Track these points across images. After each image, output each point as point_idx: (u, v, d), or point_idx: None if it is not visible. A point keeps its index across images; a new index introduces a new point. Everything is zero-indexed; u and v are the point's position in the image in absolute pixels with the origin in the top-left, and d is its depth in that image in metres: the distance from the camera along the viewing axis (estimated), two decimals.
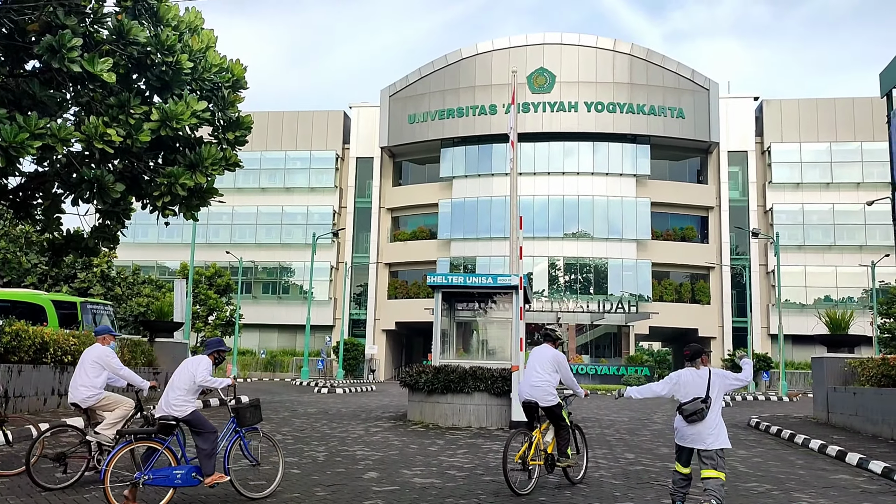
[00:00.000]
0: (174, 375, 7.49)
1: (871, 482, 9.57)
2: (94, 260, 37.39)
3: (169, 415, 7.23)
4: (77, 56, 10.63)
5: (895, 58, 17.95)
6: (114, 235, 13.98)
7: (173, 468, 7.02)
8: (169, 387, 7.41)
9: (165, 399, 7.33)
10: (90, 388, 8.52)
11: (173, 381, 7.44)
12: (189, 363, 7.56)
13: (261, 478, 8.15)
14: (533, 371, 9.16)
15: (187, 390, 7.39)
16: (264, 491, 7.70)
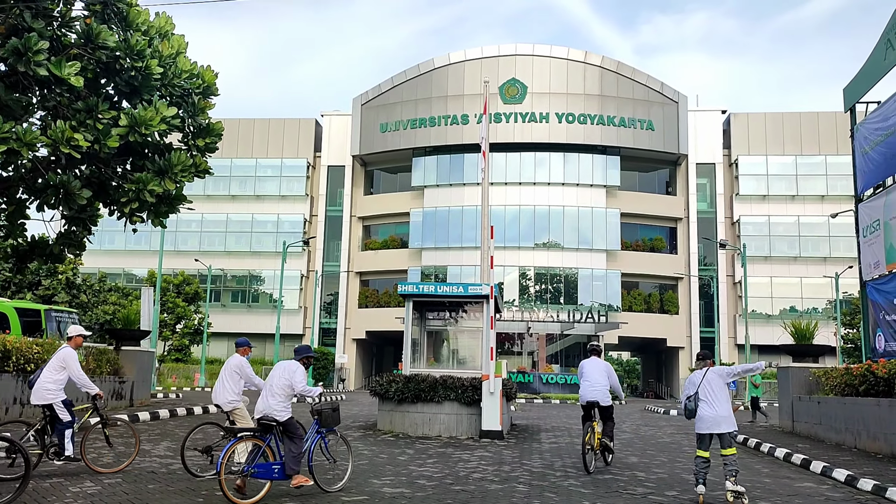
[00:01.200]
0: (271, 381, 8.35)
1: (835, 490, 9.71)
2: (60, 267, 36.76)
3: (270, 417, 8.13)
4: (44, 59, 10.50)
5: (858, 73, 18.35)
6: (80, 242, 13.78)
7: (272, 463, 8.02)
8: (268, 391, 8.30)
9: (266, 403, 8.22)
10: (233, 393, 9.89)
11: (272, 387, 8.28)
12: (285, 370, 8.37)
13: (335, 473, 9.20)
14: (593, 378, 11.40)
15: (287, 396, 8.29)
16: (337, 485, 8.72)
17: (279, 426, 8.18)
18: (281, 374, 8.33)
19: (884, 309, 16.35)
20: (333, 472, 9.19)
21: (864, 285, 17.58)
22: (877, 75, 17.28)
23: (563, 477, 10.13)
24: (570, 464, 11.56)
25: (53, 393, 9.06)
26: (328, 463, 8.87)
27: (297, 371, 8.34)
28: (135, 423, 15.93)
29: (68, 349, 9.46)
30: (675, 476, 10.55)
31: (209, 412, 20.24)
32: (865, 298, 17.56)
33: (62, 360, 9.25)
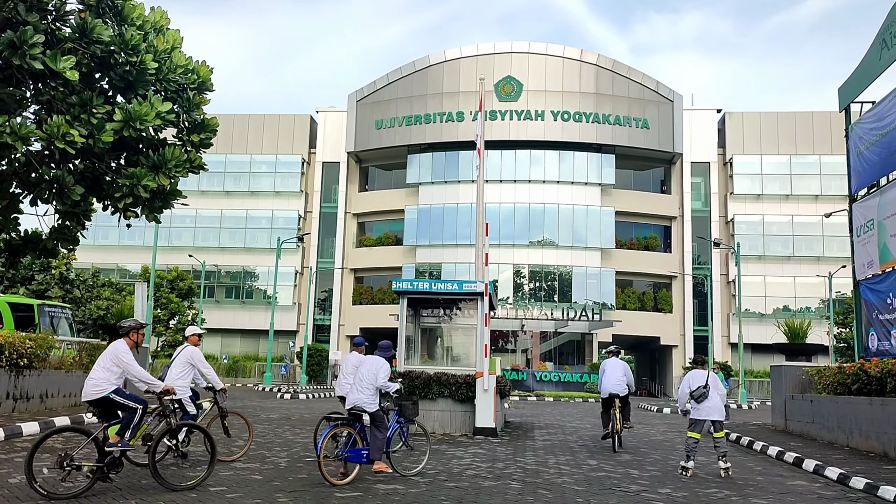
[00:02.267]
0: (361, 374, 9.30)
1: (827, 488, 9.75)
2: (53, 262, 36.60)
3: (360, 408, 9.04)
4: (38, 53, 10.46)
5: (853, 73, 18.40)
6: (73, 237, 13.74)
7: (361, 449, 8.92)
8: (357, 385, 9.21)
9: (357, 396, 9.15)
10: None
11: (362, 381, 9.22)
12: (371, 366, 9.31)
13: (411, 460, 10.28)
14: (613, 375, 13.65)
15: (375, 390, 9.19)
16: (413, 470, 9.64)
17: (368, 416, 9.12)
18: (368, 369, 9.29)
19: (877, 308, 16.41)
20: (410, 459, 10.37)
21: (858, 285, 17.63)
22: (872, 75, 17.32)
23: (557, 474, 10.14)
24: (564, 461, 11.59)
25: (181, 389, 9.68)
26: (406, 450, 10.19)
27: (382, 367, 9.32)
28: None
29: (191, 347, 10.30)
30: (668, 473, 10.58)
31: (202, 408, 20.19)
32: (859, 298, 17.62)
33: (189, 358, 10.10)
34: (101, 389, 7.95)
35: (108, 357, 8.15)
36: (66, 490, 7.48)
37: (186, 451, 9.26)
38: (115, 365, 8.10)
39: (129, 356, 8.19)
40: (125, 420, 7.94)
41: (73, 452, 7.48)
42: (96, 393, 7.94)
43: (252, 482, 8.68)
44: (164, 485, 7.86)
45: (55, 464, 7.44)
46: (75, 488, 7.48)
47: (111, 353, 8.17)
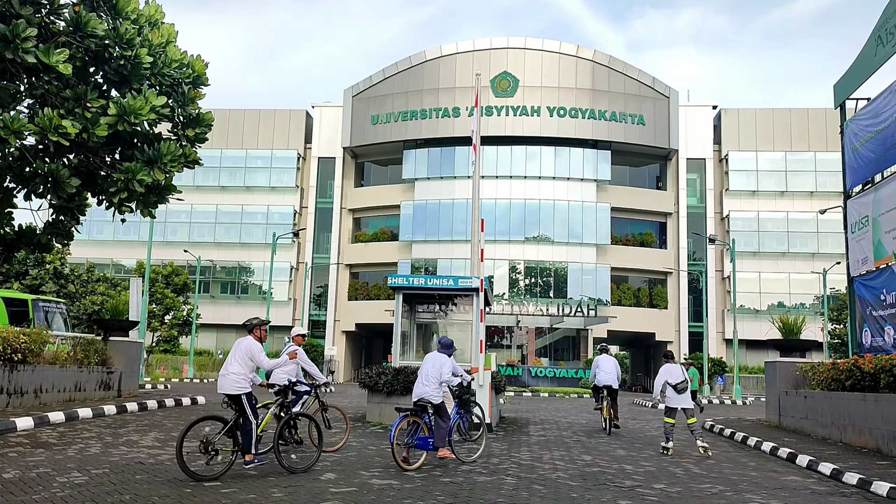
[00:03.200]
0: (426, 370, 10.24)
1: (821, 483, 9.78)
2: (47, 256, 36.54)
3: (426, 400, 10.00)
4: (32, 47, 10.41)
5: (849, 70, 18.42)
6: (68, 231, 13.70)
7: (427, 437, 9.95)
8: (423, 380, 10.19)
9: (423, 389, 10.09)
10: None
11: (427, 376, 10.17)
12: (435, 362, 10.26)
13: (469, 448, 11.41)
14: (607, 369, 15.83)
15: (439, 384, 10.13)
16: (472, 456, 10.70)
17: (433, 407, 10.04)
18: (432, 365, 10.27)
19: (871, 304, 16.46)
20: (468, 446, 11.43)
21: (852, 281, 17.68)
22: (867, 72, 17.34)
23: (552, 469, 10.16)
24: (559, 456, 11.60)
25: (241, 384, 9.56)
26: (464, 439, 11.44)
27: (445, 363, 10.31)
28: (123, 414, 15.89)
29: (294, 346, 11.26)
30: (662, 469, 10.60)
31: (197, 403, 20.20)
32: (853, 294, 17.67)
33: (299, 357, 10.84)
34: (240, 387, 8.79)
35: (241, 353, 8.97)
36: (210, 472, 8.42)
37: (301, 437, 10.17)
38: (249, 359, 8.94)
39: (262, 353, 9.12)
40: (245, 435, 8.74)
41: (213, 439, 8.47)
42: (237, 389, 8.76)
43: (246, 477, 8.67)
44: (286, 468, 9.05)
45: (199, 449, 8.43)
46: (215, 471, 8.46)
47: (245, 350, 9.00)
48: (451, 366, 10.33)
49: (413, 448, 9.90)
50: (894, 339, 15.20)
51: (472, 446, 11.48)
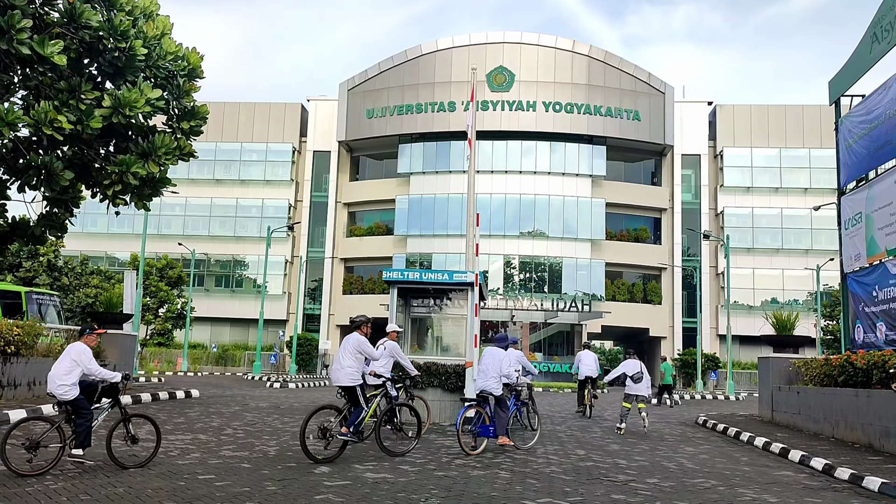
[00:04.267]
0: (485, 365, 11.29)
1: (813, 478, 9.83)
2: (41, 249, 36.40)
3: (488, 392, 11.08)
4: (26, 38, 10.36)
5: (844, 66, 18.44)
6: (61, 224, 13.65)
7: (488, 426, 10.93)
8: (485, 372, 11.20)
9: (485, 382, 11.16)
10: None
11: (488, 371, 11.22)
12: (494, 357, 11.35)
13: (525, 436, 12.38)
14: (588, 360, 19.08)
15: (500, 377, 11.22)
16: (528, 444, 11.78)
17: (494, 399, 11.10)
18: (491, 359, 11.33)
19: (863, 301, 16.52)
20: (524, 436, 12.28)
21: (845, 277, 17.74)
22: (862, 68, 17.37)
23: (546, 464, 10.18)
24: (553, 451, 11.64)
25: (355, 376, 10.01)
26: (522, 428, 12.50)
27: (504, 358, 11.51)
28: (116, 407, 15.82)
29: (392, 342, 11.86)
30: (655, 464, 10.64)
31: (191, 396, 20.18)
32: (846, 290, 17.73)
33: (392, 351, 11.54)
34: (355, 378, 9.74)
35: (352, 348, 9.84)
36: (326, 454, 9.46)
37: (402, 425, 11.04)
38: (359, 353, 9.85)
39: (370, 346, 9.99)
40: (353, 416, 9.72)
41: (328, 425, 9.46)
42: (351, 381, 9.73)
43: (241, 470, 8.68)
44: (386, 451, 10.07)
45: (318, 434, 9.47)
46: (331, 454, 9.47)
47: (355, 345, 9.86)
48: (509, 360, 11.63)
49: (476, 435, 10.87)
50: (886, 335, 15.27)
51: (527, 434, 12.54)
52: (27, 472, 7.72)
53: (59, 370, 8.24)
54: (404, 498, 7.46)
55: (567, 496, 7.88)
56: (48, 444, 8.23)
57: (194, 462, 9.04)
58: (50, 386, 8.24)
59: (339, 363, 9.80)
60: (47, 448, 8.23)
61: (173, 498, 7.04)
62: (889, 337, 15.11)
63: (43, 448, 8.04)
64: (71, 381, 8.21)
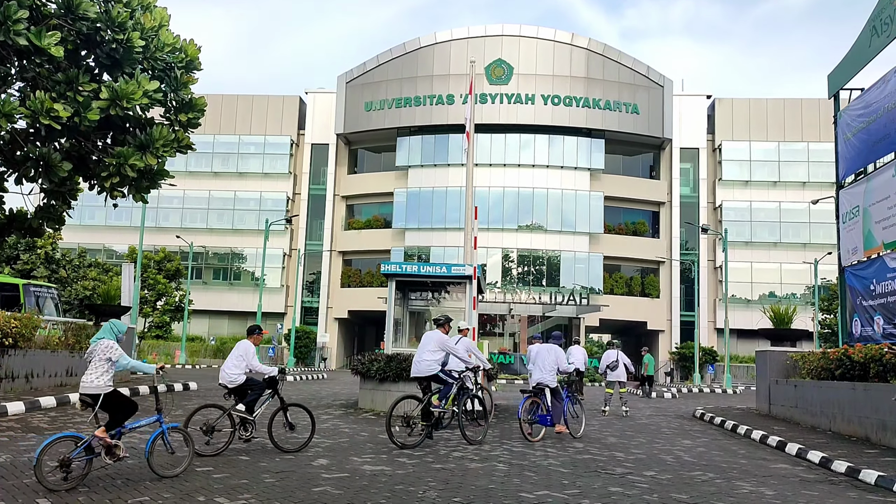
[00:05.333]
0: (542, 359, 12.29)
1: (809, 471, 9.86)
2: (38, 241, 36.35)
3: (545, 384, 12.12)
4: (23, 29, 10.31)
5: (843, 60, 18.41)
6: (59, 216, 13.60)
7: (545, 415, 11.97)
8: (541, 366, 12.21)
9: (541, 375, 12.16)
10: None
11: (545, 365, 12.23)
12: (550, 351, 12.39)
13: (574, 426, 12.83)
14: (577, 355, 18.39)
15: (555, 370, 12.30)
16: (579, 433, 12.57)
17: (550, 391, 12.13)
18: (547, 354, 12.33)
19: (861, 294, 16.54)
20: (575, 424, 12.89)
21: (843, 271, 17.75)
22: (861, 62, 17.35)
23: (543, 457, 10.20)
24: (550, 443, 11.65)
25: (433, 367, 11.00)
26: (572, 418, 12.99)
27: (559, 353, 12.50)
28: None
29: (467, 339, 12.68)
30: (653, 457, 10.66)
31: (189, 389, 20.19)
32: (844, 284, 17.75)
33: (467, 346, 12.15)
34: (433, 369, 10.88)
35: (434, 343, 10.96)
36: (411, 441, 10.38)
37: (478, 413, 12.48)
38: (440, 348, 10.97)
39: (452, 343, 11.12)
40: (443, 391, 10.88)
41: (412, 414, 10.49)
42: (430, 371, 10.85)
43: (239, 462, 8.69)
44: (467, 439, 10.96)
45: (403, 424, 10.44)
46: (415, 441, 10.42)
47: (437, 341, 10.98)
48: (563, 355, 12.72)
49: (535, 423, 11.99)
50: (883, 328, 15.29)
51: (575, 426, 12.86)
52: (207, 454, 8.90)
53: (229, 364, 9.60)
54: (402, 490, 7.47)
55: (564, 489, 7.90)
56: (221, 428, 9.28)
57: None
58: (222, 378, 9.58)
59: (419, 357, 11.00)
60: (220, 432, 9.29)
61: (171, 490, 7.04)
62: (886, 330, 15.13)
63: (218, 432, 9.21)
64: (238, 372, 9.52)
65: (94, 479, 7.36)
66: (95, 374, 7.30)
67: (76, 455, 6.95)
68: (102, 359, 7.34)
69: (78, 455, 6.97)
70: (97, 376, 7.29)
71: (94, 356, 7.38)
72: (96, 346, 7.43)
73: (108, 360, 7.36)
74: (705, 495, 7.87)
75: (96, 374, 7.29)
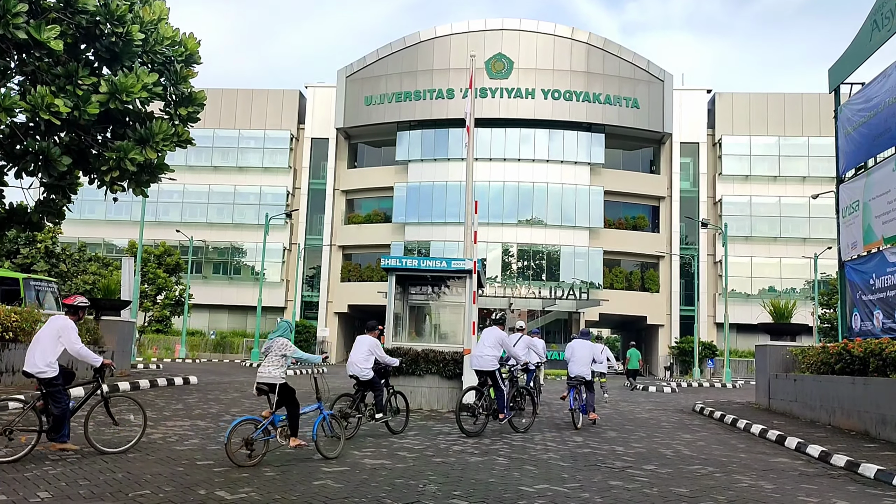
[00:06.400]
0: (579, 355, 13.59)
1: (809, 465, 9.88)
2: (38, 235, 36.37)
3: (581, 377, 13.42)
4: (22, 23, 10.30)
5: (844, 54, 18.38)
6: (59, 210, 13.61)
7: (584, 404, 13.43)
8: (578, 361, 13.51)
9: (579, 369, 13.45)
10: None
11: (583, 358, 13.55)
12: (589, 348, 13.78)
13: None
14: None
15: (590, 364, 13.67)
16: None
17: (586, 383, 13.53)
18: (582, 350, 13.69)
19: (860, 289, 16.55)
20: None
21: (843, 266, 17.76)
22: (862, 56, 17.32)
23: (543, 450, 10.22)
24: (550, 437, 11.68)
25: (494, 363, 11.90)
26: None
27: (595, 348, 14.18)
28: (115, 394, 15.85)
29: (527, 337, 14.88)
30: (653, 450, 10.68)
31: (189, 383, 20.21)
32: (843, 279, 17.76)
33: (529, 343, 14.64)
34: (494, 365, 11.77)
35: (494, 339, 11.90)
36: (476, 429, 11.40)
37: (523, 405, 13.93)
38: (500, 344, 11.94)
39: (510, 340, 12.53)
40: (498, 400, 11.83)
41: (475, 405, 11.54)
42: (491, 367, 11.76)
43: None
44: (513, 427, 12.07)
45: (469, 413, 11.62)
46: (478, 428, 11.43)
47: (497, 338, 11.94)
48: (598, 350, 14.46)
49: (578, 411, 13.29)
50: (883, 323, 15.30)
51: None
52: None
53: (358, 357, 10.61)
54: (402, 484, 7.48)
55: (564, 482, 7.91)
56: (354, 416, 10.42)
57: (193, 448, 9.07)
58: (351, 369, 10.60)
59: (481, 352, 11.89)
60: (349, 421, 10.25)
61: (172, 483, 7.06)
62: (886, 325, 15.15)
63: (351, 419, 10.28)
64: (368, 365, 10.59)
65: (95, 472, 7.38)
66: (272, 366, 8.49)
67: (256, 436, 8.13)
68: (278, 354, 8.54)
69: (258, 436, 8.15)
70: (273, 368, 8.48)
71: (271, 352, 8.58)
72: (273, 343, 8.62)
73: (283, 356, 8.53)
74: (705, 489, 7.89)
75: (273, 367, 8.49)
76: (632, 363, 29.87)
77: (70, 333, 8.30)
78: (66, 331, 8.30)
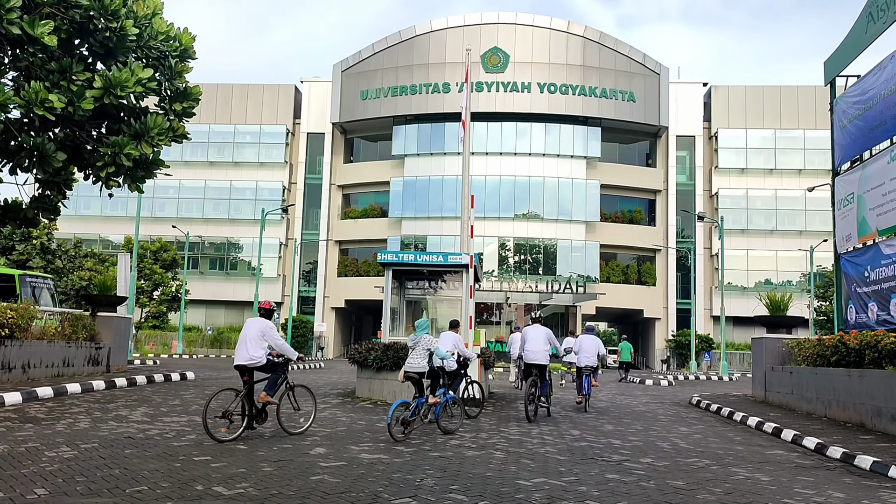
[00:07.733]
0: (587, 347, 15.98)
1: (805, 457, 9.91)
2: (34, 232, 36.29)
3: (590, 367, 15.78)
4: (16, 18, 10.24)
5: (839, 46, 18.38)
6: (54, 206, 13.57)
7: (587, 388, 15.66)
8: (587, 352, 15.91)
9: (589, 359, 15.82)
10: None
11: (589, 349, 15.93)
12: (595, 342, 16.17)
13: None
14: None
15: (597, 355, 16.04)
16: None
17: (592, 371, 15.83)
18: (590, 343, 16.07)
19: (856, 281, 16.58)
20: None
21: (839, 258, 17.79)
22: (858, 49, 17.32)
23: (540, 444, 10.24)
24: (547, 431, 11.69)
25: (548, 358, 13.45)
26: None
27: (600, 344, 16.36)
28: (112, 390, 15.87)
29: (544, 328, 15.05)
30: (649, 444, 10.70)
31: (186, 379, 20.21)
32: (839, 271, 17.78)
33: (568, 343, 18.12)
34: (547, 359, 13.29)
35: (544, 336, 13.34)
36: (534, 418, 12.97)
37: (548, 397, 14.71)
38: (548, 341, 13.32)
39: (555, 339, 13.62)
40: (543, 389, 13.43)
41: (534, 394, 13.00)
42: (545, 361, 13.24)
43: (237, 451, 8.70)
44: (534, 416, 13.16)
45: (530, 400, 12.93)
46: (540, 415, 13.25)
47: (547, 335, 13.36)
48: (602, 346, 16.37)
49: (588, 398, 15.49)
50: (878, 315, 15.34)
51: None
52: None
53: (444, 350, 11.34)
54: (400, 478, 7.48)
55: (561, 476, 7.92)
56: None
57: (190, 444, 9.06)
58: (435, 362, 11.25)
59: (537, 346, 13.21)
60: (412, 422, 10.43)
61: (169, 479, 7.05)
62: (881, 317, 15.18)
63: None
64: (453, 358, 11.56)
65: (92, 468, 7.37)
66: (420, 358, 10.69)
67: (410, 417, 10.01)
68: (425, 348, 10.72)
69: (412, 417, 10.05)
70: (420, 359, 10.69)
71: (419, 346, 10.74)
72: (420, 339, 10.77)
73: (428, 351, 10.69)
74: (701, 481, 7.91)
75: (420, 358, 10.69)
76: (623, 355, 30.81)
77: (272, 332, 9.82)
78: (269, 330, 9.79)
